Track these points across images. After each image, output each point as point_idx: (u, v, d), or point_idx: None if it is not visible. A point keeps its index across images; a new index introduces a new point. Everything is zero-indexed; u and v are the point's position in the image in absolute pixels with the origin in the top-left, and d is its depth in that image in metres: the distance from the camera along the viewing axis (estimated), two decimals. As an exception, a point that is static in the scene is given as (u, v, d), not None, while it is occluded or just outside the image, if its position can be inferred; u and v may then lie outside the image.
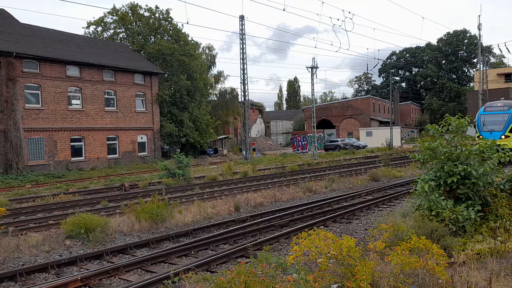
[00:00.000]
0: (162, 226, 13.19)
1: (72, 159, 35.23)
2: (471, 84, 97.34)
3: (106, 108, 38.40)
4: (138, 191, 22.24)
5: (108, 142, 38.47)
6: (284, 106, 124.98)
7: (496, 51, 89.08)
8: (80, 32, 61.05)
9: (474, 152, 9.81)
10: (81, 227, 11.60)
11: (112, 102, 39.34)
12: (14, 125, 30.95)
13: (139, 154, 41.41)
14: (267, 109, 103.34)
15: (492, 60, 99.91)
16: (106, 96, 38.53)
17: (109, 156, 38.37)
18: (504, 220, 9.15)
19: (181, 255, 10.06)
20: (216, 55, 60.65)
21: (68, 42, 37.67)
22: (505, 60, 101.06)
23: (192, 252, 10.31)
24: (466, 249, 8.23)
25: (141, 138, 41.96)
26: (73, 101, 36.02)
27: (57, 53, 34.80)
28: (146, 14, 50.06)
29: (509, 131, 26.82)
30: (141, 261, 9.44)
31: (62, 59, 34.58)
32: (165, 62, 47.28)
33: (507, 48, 74.90)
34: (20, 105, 31.61)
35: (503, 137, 26.43)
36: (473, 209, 9.23)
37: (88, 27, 50.95)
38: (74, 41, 39.74)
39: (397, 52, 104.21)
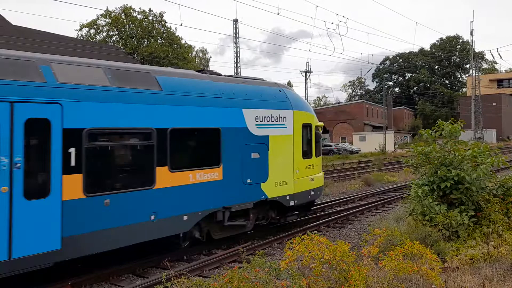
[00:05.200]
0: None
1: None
2: (464, 89, 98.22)
3: (98, 111, 38.12)
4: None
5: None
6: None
7: (488, 57, 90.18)
8: (73, 34, 60.72)
9: (467, 157, 9.83)
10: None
11: (104, 105, 39.08)
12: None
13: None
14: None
15: (485, 66, 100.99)
16: (98, 99, 38.26)
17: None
18: (497, 225, 9.16)
19: (174, 260, 9.96)
20: (209, 59, 60.67)
21: (60, 45, 37.33)
22: (497, 66, 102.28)
23: (185, 257, 10.22)
24: (459, 254, 8.22)
25: (134, 141, 41.62)
26: (65, 104, 35.73)
27: (49, 55, 34.55)
28: (140, 17, 49.99)
29: None
30: (132, 266, 9.33)
31: (55, 61, 34.32)
32: (158, 65, 47.16)
33: (499, 54, 75.49)
34: (12, 108, 31.28)
35: None
36: (466, 214, 9.24)
37: (81, 29, 50.80)
38: (67, 43, 39.44)
39: (390, 57, 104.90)
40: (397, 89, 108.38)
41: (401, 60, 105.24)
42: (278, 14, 31.35)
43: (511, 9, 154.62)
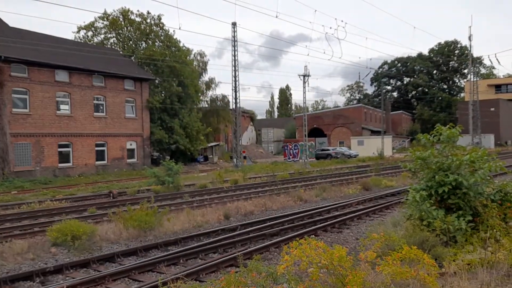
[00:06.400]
0: (150, 234, 13.01)
1: (60, 165, 34.78)
2: (462, 94, 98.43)
3: (95, 113, 38.07)
4: (126, 198, 21.98)
5: (96, 149, 38.06)
6: (276, 114, 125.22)
7: (486, 62, 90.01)
8: (70, 36, 60.60)
9: (465, 162, 9.81)
10: (68, 235, 11.38)
11: (101, 107, 39.03)
12: (0, 130, 30.54)
13: (128, 160, 41.02)
14: (259, 117, 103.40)
15: (483, 71, 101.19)
16: (95, 101, 38.21)
17: (97, 162, 37.94)
18: (495, 230, 9.13)
19: (170, 264, 9.90)
20: (207, 62, 60.43)
21: (57, 47, 37.31)
22: (495, 71, 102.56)
23: (181, 261, 10.16)
24: (457, 260, 8.19)
25: (130, 144, 41.62)
26: (62, 106, 35.68)
27: (46, 57, 34.47)
28: (138, 19, 49.87)
29: None
30: (129, 269, 9.28)
31: (51, 63, 34.25)
32: (156, 68, 47.12)
33: (497, 59, 76.21)
34: (7, 109, 31.20)
35: None
36: (464, 219, 9.21)
37: (78, 31, 50.59)
38: (64, 45, 39.40)
39: (388, 61, 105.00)
40: (395, 94, 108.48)
41: (399, 64, 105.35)
42: (276, 17, 31.32)
43: (509, 14, 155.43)
